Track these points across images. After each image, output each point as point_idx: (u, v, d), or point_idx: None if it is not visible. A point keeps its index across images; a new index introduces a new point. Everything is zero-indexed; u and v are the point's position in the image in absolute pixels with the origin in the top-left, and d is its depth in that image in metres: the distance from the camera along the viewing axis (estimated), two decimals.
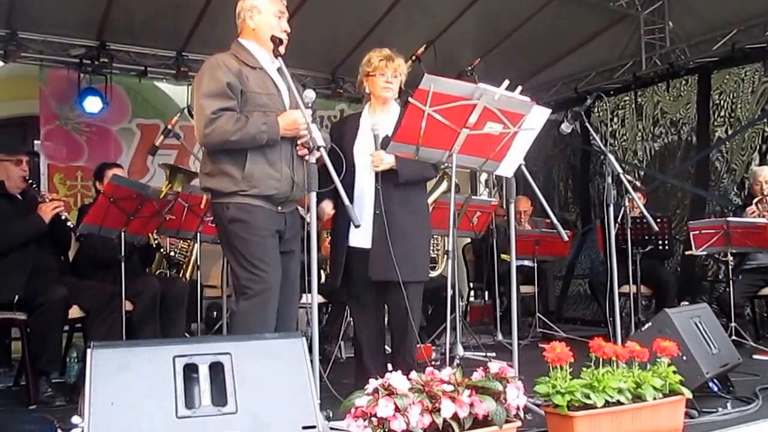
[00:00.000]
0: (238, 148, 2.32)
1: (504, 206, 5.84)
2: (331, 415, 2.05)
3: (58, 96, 5.27)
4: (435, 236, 4.26)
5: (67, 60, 5.14)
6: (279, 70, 2.44)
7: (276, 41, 2.36)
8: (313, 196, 2.16)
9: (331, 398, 2.37)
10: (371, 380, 1.78)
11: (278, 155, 2.38)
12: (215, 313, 5.01)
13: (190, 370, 1.63)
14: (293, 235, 2.52)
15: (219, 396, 1.63)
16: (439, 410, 1.73)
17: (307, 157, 2.32)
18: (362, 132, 2.77)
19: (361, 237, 2.67)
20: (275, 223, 2.42)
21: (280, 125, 2.35)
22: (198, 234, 3.92)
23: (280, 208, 2.43)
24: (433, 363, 3.19)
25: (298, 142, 2.41)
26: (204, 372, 1.63)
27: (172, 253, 4.35)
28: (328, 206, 2.73)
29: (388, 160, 2.61)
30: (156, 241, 3.64)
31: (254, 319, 2.32)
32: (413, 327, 2.73)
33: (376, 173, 2.64)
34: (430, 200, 3.67)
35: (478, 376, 1.89)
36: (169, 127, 3.26)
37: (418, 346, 2.82)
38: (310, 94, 2.31)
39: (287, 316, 2.49)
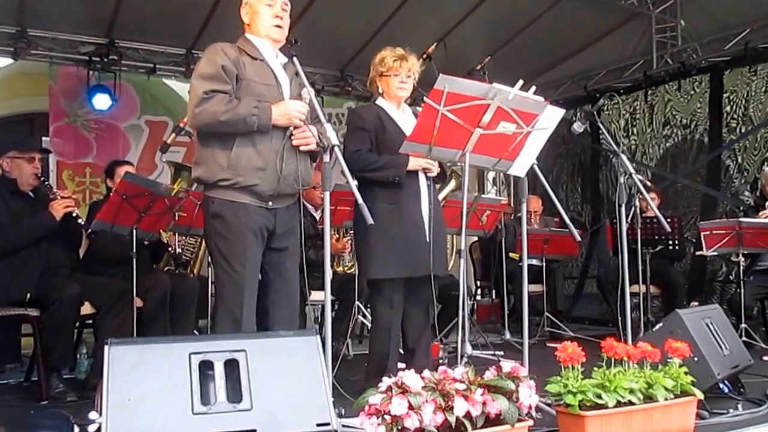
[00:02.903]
0: (228, 130, 2.26)
1: (512, 205, 5.84)
2: (343, 412, 2.06)
3: (68, 93, 5.29)
4: None
5: (76, 57, 5.16)
6: (285, 65, 2.42)
7: (291, 42, 2.37)
8: (327, 195, 2.16)
9: (340, 396, 2.35)
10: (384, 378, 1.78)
11: (268, 144, 2.31)
12: None
13: (206, 367, 1.64)
14: (287, 231, 2.42)
15: (234, 393, 1.64)
16: (452, 408, 1.73)
17: (309, 147, 2.31)
18: (405, 127, 2.71)
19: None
20: (261, 221, 2.33)
21: (273, 112, 2.29)
22: None
23: (270, 203, 2.34)
24: (441, 361, 3.19)
25: (293, 133, 2.34)
26: (219, 369, 1.65)
27: (179, 250, 4.36)
28: None
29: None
30: (166, 240, 3.65)
31: (231, 318, 2.28)
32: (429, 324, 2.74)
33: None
34: (439, 198, 3.67)
35: (490, 375, 1.89)
36: (181, 125, 3.27)
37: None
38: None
39: (285, 313, 2.43)
